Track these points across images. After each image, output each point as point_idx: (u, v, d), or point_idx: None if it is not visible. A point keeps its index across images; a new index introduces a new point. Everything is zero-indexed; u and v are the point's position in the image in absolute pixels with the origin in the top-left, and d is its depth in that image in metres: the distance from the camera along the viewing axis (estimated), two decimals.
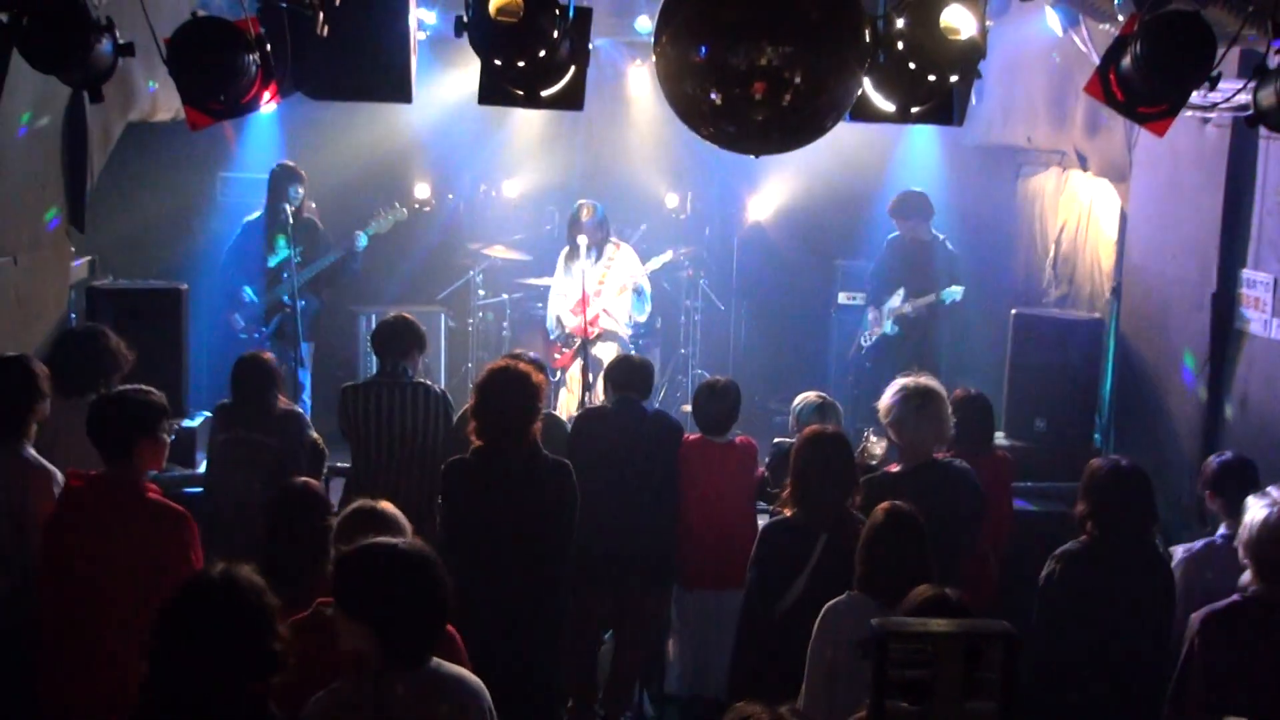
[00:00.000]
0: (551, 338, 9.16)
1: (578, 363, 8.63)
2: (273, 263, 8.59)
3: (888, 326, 9.16)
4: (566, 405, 8.86)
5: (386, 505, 4.02)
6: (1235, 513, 4.51)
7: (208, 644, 2.97)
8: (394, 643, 3.29)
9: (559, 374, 8.96)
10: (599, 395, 6.14)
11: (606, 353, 8.51)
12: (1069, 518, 4.98)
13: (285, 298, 8.44)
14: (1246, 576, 4.22)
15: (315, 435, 6.09)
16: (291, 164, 8.70)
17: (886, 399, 5.28)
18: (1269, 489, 4.33)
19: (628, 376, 5.97)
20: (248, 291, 8.56)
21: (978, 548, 5.27)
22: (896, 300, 9.09)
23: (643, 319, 9.22)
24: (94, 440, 4.63)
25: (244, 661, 3.00)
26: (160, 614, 3.00)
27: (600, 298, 8.91)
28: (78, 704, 4.39)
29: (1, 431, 4.85)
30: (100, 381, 5.51)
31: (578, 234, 8.78)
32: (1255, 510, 4.21)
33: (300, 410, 6.15)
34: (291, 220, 8.45)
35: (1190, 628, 4.23)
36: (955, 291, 8.81)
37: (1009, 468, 6.05)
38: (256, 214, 8.72)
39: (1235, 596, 4.22)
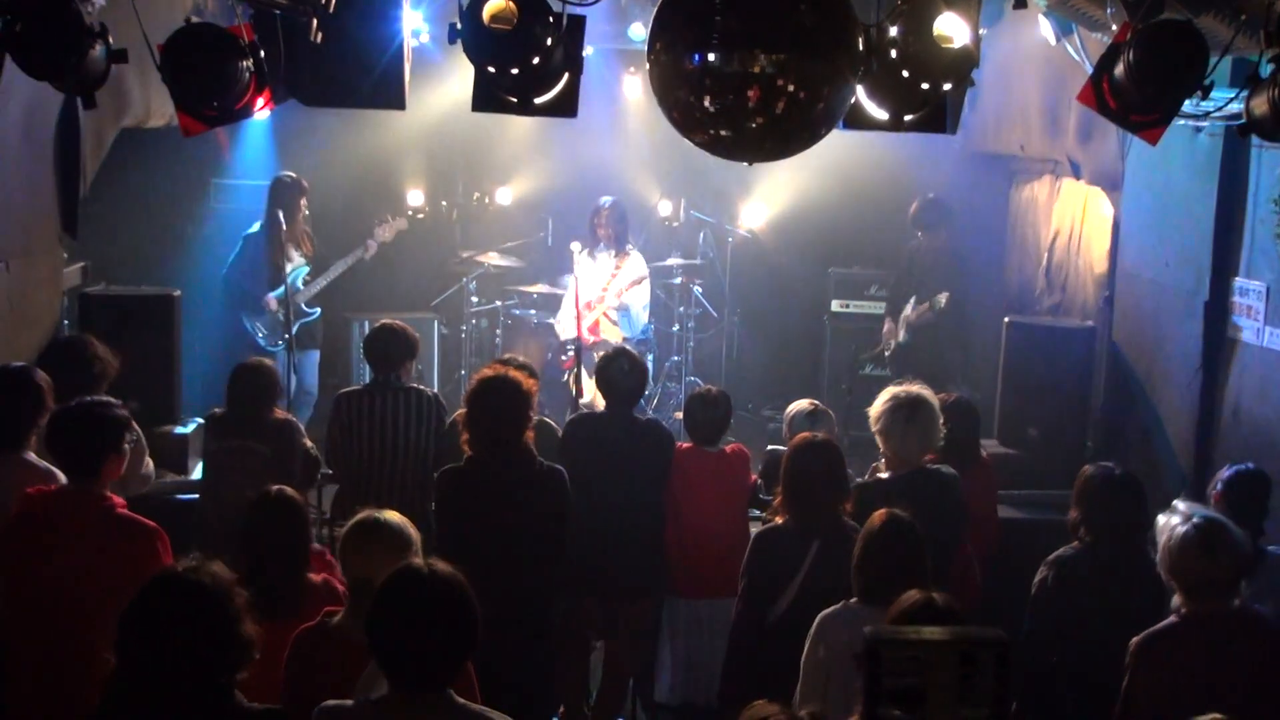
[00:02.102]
0: (562, 338, 9.16)
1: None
2: (289, 271, 8.68)
3: (902, 336, 9.15)
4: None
5: (392, 515, 3.93)
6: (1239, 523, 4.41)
7: (172, 636, 2.97)
8: (388, 666, 3.14)
9: (566, 375, 8.96)
10: (598, 403, 6.12)
11: None
12: (1062, 525, 4.98)
13: (303, 305, 8.74)
14: (1176, 599, 4.13)
15: (309, 443, 6.08)
16: (294, 175, 8.73)
17: (877, 407, 5.28)
18: (1176, 503, 4.22)
19: (618, 379, 5.92)
20: (274, 301, 8.63)
21: (962, 553, 5.27)
22: (908, 309, 9.09)
23: (640, 324, 9.23)
24: (56, 455, 4.59)
25: (208, 653, 2.99)
26: (128, 608, 3.01)
27: (603, 303, 8.96)
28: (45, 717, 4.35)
29: (4, 440, 4.85)
30: (88, 390, 5.49)
31: (598, 229, 8.89)
32: (1169, 531, 4.09)
33: (295, 419, 6.14)
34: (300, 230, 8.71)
35: (1129, 652, 4.15)
36: (940, 299, 8.81)
37: (993, 473, 6.05)
38: (256, 226, 8.74)
39: (1172, 618, 4.13)
